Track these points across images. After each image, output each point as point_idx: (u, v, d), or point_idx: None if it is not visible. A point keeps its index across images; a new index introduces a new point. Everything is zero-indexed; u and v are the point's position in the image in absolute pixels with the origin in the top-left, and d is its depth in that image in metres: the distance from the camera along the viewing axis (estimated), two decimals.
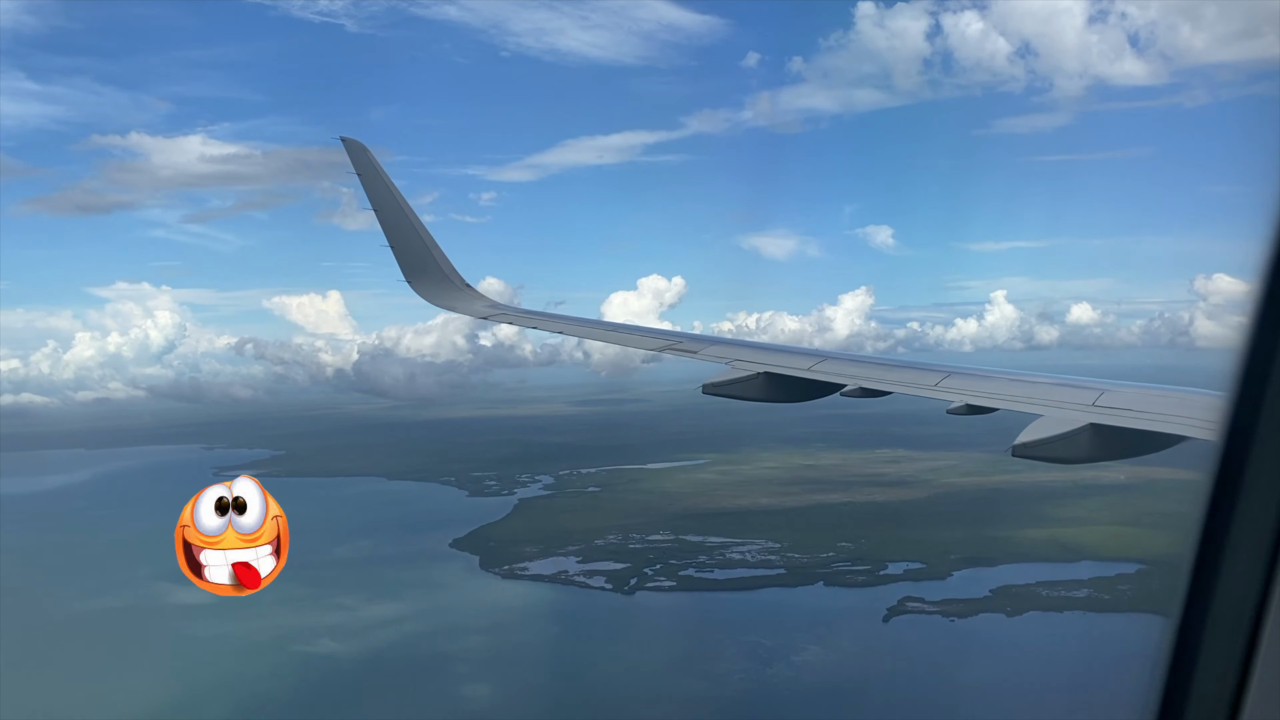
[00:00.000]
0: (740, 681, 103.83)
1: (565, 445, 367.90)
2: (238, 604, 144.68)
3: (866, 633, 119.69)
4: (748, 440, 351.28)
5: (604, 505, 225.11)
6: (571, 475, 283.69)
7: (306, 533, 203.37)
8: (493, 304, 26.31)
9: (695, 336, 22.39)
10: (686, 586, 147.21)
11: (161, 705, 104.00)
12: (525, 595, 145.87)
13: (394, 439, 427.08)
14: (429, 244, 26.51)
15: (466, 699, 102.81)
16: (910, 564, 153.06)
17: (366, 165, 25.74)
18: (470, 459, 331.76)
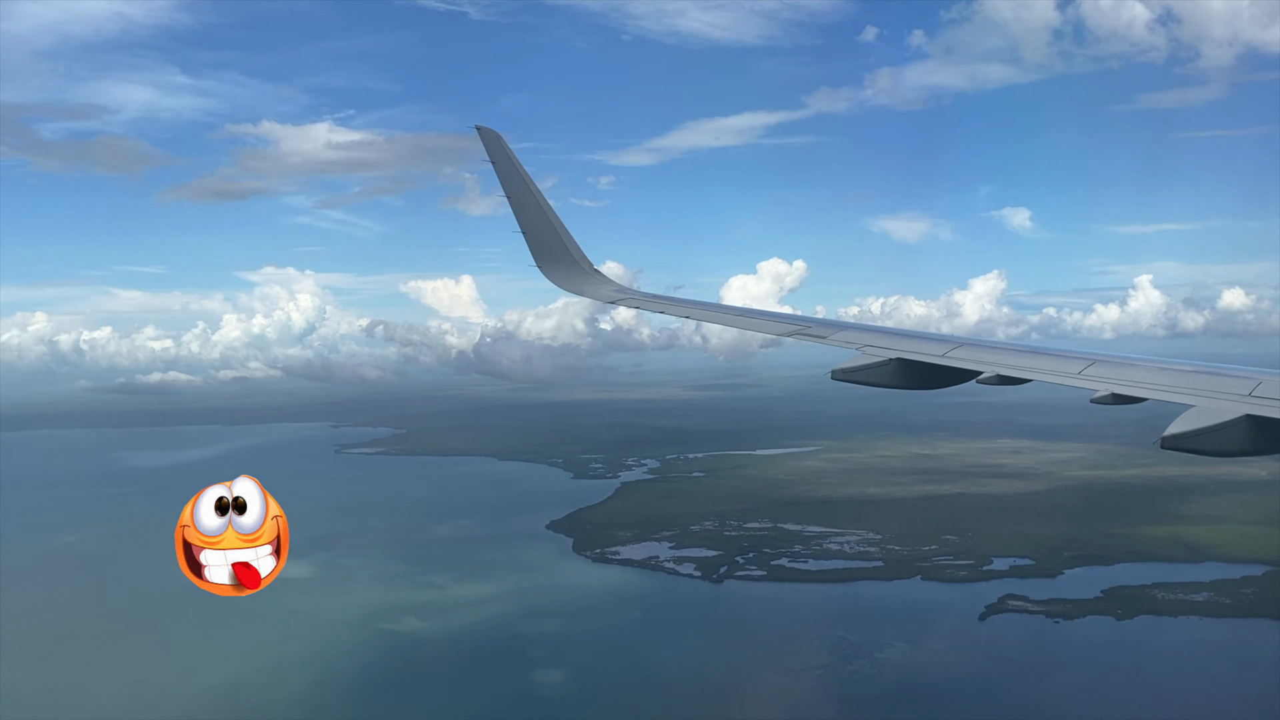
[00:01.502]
0: (817, 677, 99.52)
1: (676, 430, 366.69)
2: (335, 579, 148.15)
3: (959, 631, 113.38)
4: (863, 428, 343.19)
5: (705, 491, 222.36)
6: (678, 460, 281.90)
7: (412, 511, 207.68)
8: (619, 288, 26.48)
9: (824, 321, 21.96)
10: (777, 576, 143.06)
11: (244, 675, 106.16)
12: (612, 580, 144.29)
13: (509, 420, 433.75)
14: (559, 229, 26.80)
15: (537, 684, 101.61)
16: (1018, 560, 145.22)
17: (500, 153, 25.95)
18: (580, 441, 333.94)
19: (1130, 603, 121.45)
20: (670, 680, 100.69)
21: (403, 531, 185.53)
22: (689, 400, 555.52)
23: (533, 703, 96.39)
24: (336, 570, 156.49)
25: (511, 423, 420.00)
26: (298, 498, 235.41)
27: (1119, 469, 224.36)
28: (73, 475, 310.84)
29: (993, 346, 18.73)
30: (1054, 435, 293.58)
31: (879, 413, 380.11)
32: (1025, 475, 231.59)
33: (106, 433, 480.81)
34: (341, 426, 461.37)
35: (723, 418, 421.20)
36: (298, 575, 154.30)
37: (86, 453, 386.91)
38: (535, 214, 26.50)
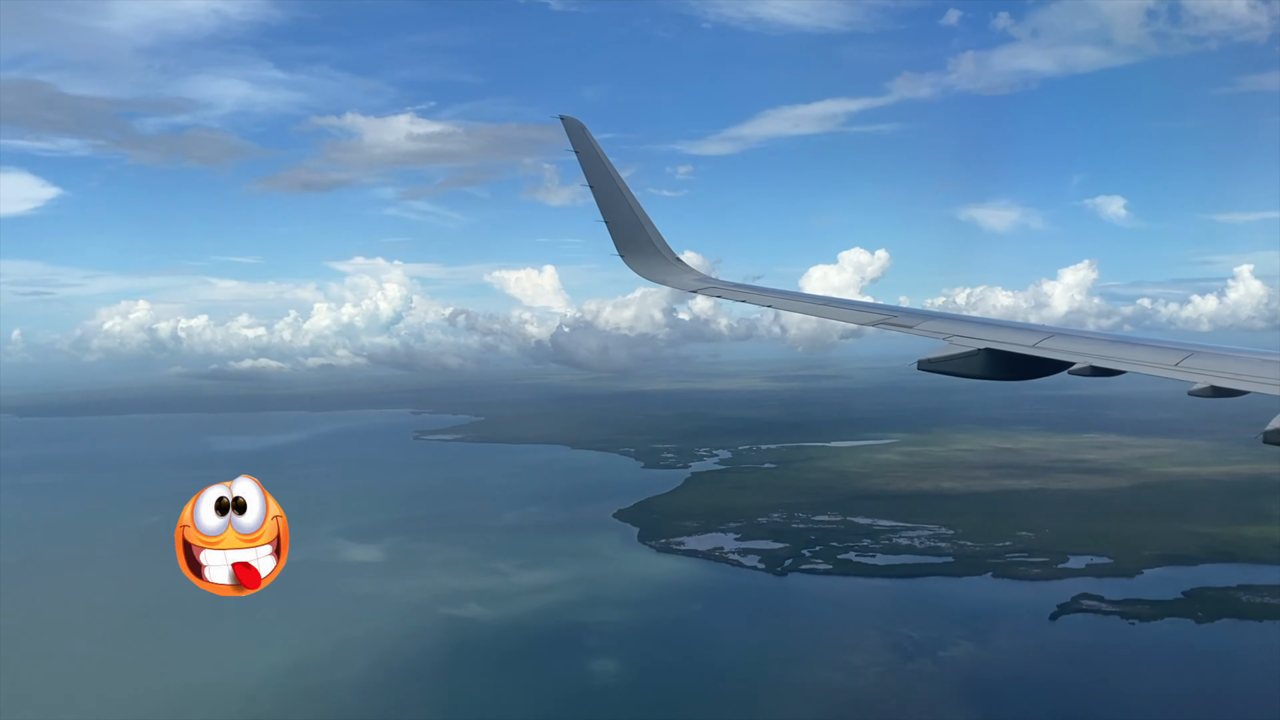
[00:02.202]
0: (877, 675, 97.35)
1: (751, 420, 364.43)
2: (403, 564, 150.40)
3: (1028, 631, 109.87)
4: (943, 421, 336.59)
5: (776, 483, 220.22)
6: (750, 451, 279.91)
7: (483, 497, 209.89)
8: (702, 277, 26.49)
9: (910, 311, 21.84)
10: (842, 571, 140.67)
11: (309, 657, 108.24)
12: (675, 570, 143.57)
13: (584, 409, 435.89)
14: (642, 219, 26.92)
15: (592, 673, 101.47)
16: (1095, 558, 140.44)
17: (584, 142, 26.10)
18: (653, 431, 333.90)
19: (1212, 605, 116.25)
20: (725, 673, 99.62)
21: (472, 518, 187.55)
22: (765, 391, 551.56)
23: (587, 692, 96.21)
24: (405, 555, 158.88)
25: (586, 412, 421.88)
26: (374, 482, 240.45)
27: (1210, 465, 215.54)
28: (163, 458, 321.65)
29: (1085, 337, 18.34)
30: (1143, 430, 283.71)
31: (960, 406, 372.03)
32: (1110, 471, 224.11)
33: (198, 417, 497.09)
34: (422, 413, 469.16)
35: (798, 409, 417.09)
36: (368, 559, 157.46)
37: (178, 437, 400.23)
38: (618, 203, 26.57)
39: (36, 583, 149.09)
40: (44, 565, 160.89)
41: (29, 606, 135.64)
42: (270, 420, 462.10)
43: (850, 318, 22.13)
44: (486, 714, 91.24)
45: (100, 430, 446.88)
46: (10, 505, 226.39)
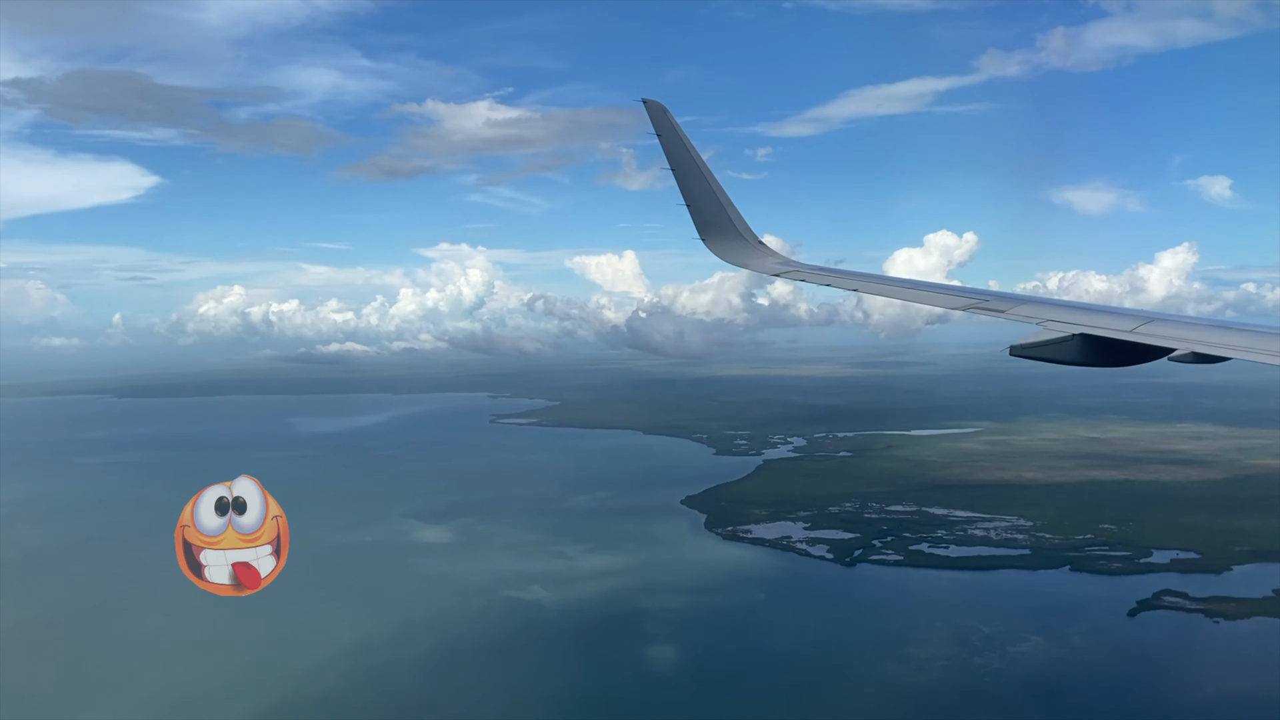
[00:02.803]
0: (941, 669, 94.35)
1: (828, 408, 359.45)
2: (470, 545, 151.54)
3: (1104, 627, 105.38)
4: (1029, 409, 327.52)
5: (850, 471, 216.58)
6: (826, 438, 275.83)
7: (553, 481, 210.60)
8: (784, 260, 26.19)
9: (1002, 295, 21.31)
10: (913, 562, 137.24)
11: (371, 636, 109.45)
12: (740, 559, 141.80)
13: (658, 395, 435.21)
14: (724, 202, 26.76)
15: (649, 659, 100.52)
16: (1181, 553, 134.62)
17: (666, 125, 26.01)
18: (728, 417, 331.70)
19: None
20: (783, 663, 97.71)
21: (541, 501, 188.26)
22: (846, 378, 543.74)
23: (642, 678, 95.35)
24: (473, 536, 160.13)
25: (660, 397, 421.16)
26: (449, 465, 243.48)
27: None
28: (250, 438, 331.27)
29: (1187, 322, 17.70)
30: (1242, 420, 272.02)
31: (1047, 394, 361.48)
32: (1203, 462, 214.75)
33: (285, 399, 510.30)
34: (499, 397, 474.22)
35: (879, 396, 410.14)
36: (436, 540, 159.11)
37: (265, 418, 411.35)
38: (699, 186, 26.35)
39: (122, 558, 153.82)
40: (130, 541, 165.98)
41: (114, 580, 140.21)
42: (354, 403, 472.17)
43: (939, 302, 21.56)
44: (541, 697, 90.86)
45: (192, 411, 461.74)
46: (104, 483, 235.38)
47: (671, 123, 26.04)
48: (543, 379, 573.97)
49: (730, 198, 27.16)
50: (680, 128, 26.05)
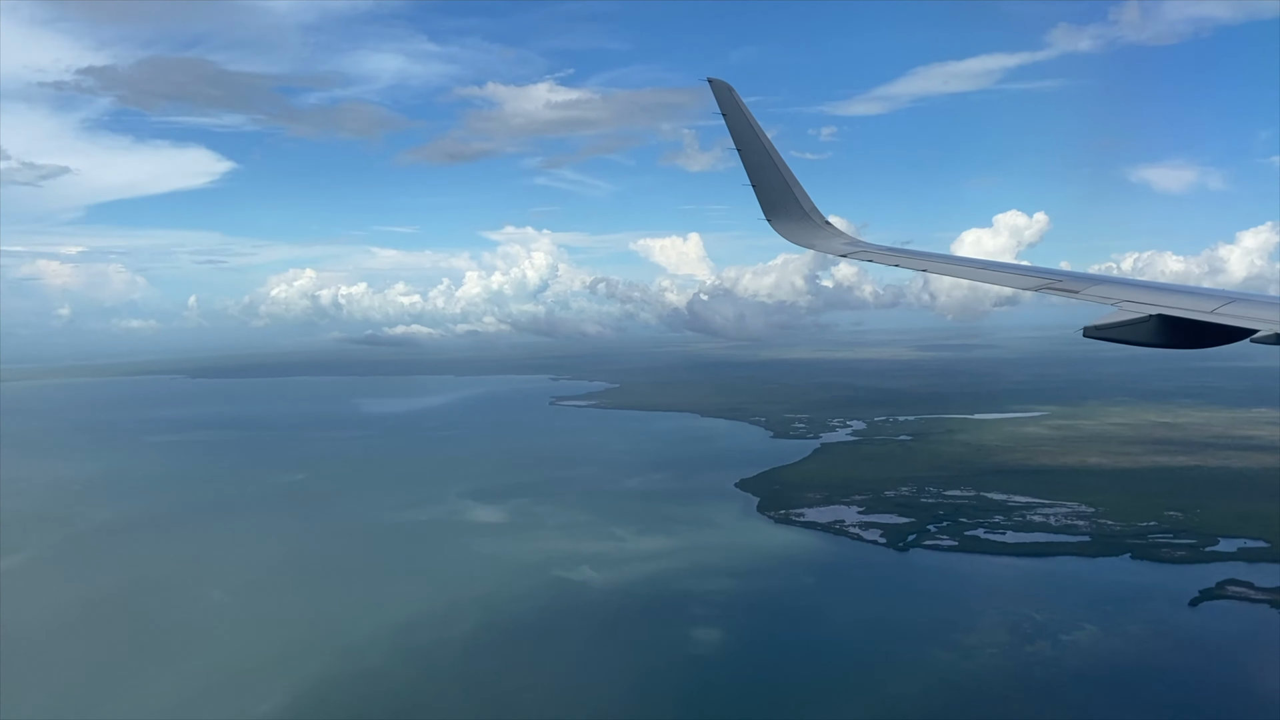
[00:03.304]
0: (989, 657, 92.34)
1: (890, 391, 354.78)
2: (524, 526, 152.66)
3: (1163, 617, 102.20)
4: (1098, 393, 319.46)
5: (909, 455, 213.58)
6: (886, 422, 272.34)
7: (608, 463, 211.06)
8: (851, 241, 25.82)
9: (1076, 275, 20.76)
10: (968, 547, 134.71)
11: (420, 614, 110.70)
12: (791, 542, 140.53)
13: (718, 378, 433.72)
14: (790, 182, 26.49)
15: (694, 641, 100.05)
16: (1249, 541, 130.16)
17: (732, 105, 25.77)
18: (786, 401, 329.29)
19: None
20: (827, 648, 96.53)
21: (596, 483, 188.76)
22: (911, 361, 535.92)
23: (686, 660, 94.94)
24: (527, 517, 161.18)
25: (720, 380, 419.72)
26: (507, 446, 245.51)
27: None
28: (315, 419, 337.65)
29: (1272, 303, 16.87)
30: None
31: (1120, 378, 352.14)
32: (1278, 449, 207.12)
33: (352, 381, 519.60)
34: (560, 379, 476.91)
35: (944, 380, 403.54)
36: (490, 520, 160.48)
37: (330, 398, 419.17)
38: (766, 167, 26.08)
39: (185, 534, 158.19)
40: (194, 518, 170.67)
41: (177, 556, 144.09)
42: (417, 384, 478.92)
43: (1010, 282, 21.00)
44: (583, 676, 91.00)
45: (261, 392, 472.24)
46: (173, 461, 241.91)
47: (737, 102, 25.74)
48: (603, 362, 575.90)
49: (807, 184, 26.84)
50: (746, 107, 25.75)
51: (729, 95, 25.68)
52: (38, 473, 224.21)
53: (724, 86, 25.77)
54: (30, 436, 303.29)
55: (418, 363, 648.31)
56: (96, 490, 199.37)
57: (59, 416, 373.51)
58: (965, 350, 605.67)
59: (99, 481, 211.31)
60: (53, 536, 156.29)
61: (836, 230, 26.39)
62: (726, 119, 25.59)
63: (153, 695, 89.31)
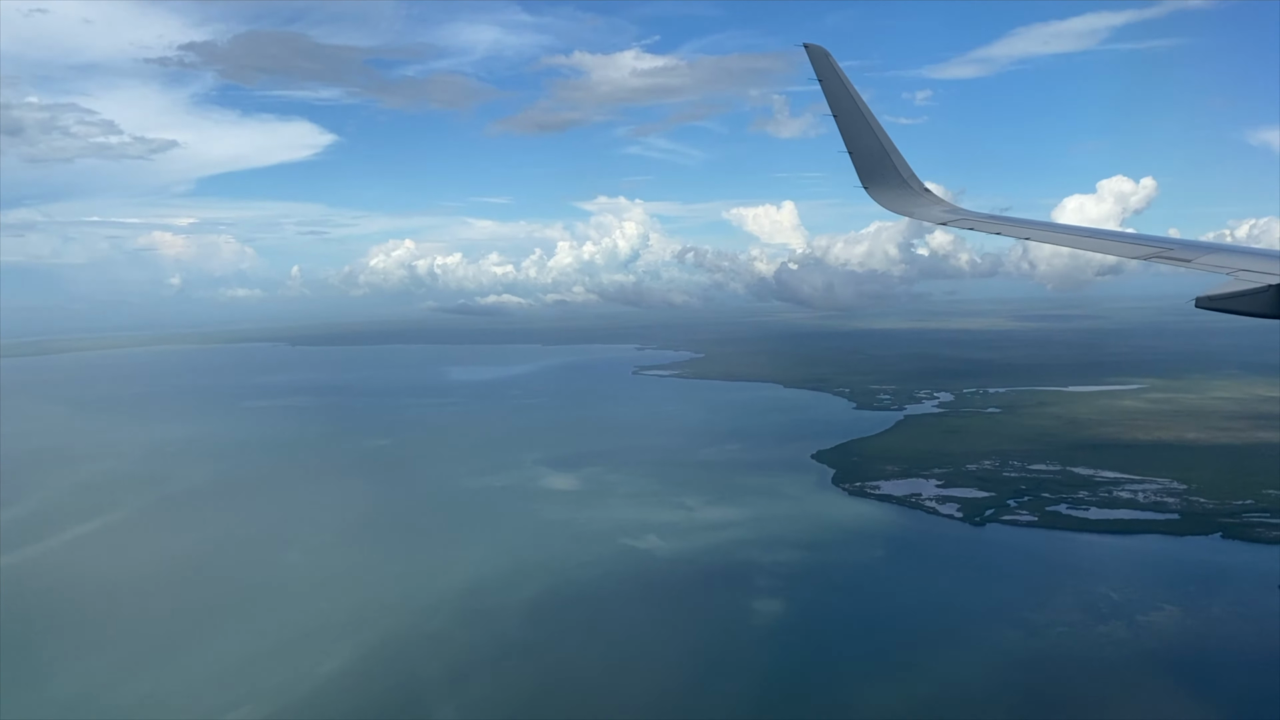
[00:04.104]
0: (1059, 635, 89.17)
1: (983, 362, 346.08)
2: (594, 493, 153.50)
3: (1250, 600, 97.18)
4: (1203, 366, 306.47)
5: (995, 428, 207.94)
6: (975, 394, 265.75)
7: (686, 432, 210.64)
8: (950, 208, 25.40)
9: (1188, 243, 20.13)
10: (1048, 523, 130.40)
11: (486, 578, 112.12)
12: (864, 515, 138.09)
13: (805, 348, 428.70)
14: (888, 149, 26.30)
15: (753, 612, 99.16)
16: None
17: (828, 71, 25.55)
18: (873, 371, 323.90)
19: None
20: (888, 622, 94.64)
21: (671, 452, 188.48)
22: (1007, 331, 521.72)
23: (744, 630, 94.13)
24: (598, 485, 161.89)
25: (805, 351, 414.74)
26: (586, 415, 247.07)
27: None
28: (404, 386, 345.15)
29: None
30: None
31: (1227, 350, 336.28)
32: None
33: (443, 349, 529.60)
34: (646, 349, 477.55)
35: (1040, 350, 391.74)
36: (563, 487, 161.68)
37: (421, 366, 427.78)
38: (863, 133, 25.76)
39: (270, 496, 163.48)
40: (279, 481, 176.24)
41: (260, 517, 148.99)
42: (505, 353, 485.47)
43: (1118, 251, 20.42)
44: (640, 643, 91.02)
45: (356, 359, 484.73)
46: (266, 426, 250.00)
47: (834, 68, 25.26)
48: (690, 331, 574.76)
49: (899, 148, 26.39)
50: (843, 73, 25.27)
51: (825, 61, 25.23)
52: (139, 435, 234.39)
53: (820, 52, 25.33)
54: (136, 401, 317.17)
55: (507, 332, 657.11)
56: (192, 453, 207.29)
57: (164, 382, 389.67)
58: (1065, 320, 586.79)
59: (195, 444, 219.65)
60: (147, 497, 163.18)
61: (935, 198, 25.89)
62: (823, 85, 25.18)
63: (223, 651, 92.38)
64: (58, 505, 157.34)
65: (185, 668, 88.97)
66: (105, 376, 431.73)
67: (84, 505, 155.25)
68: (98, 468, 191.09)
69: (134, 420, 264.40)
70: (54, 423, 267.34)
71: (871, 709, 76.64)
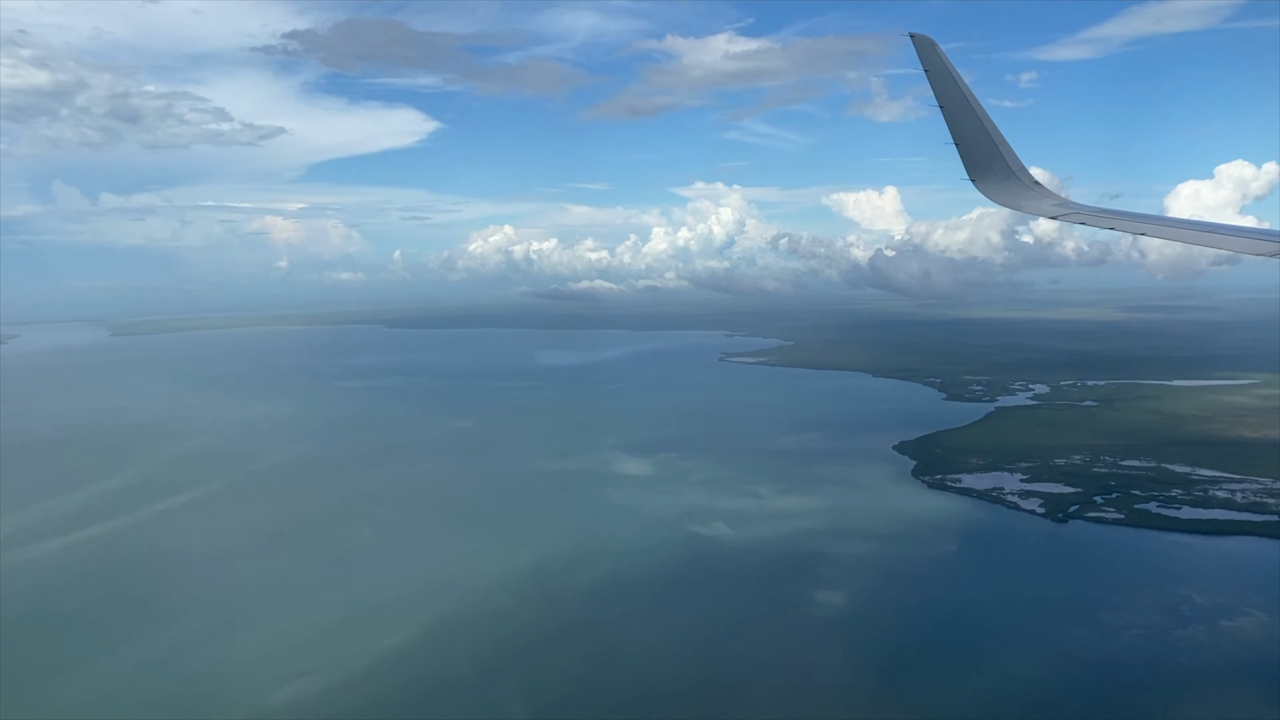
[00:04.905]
0: (1133, 638, 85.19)
1: (1084, 354, 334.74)
2: (667, 479, 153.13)
3: None
4: None
5: (1090, 422, 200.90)
6: (1072, 387, 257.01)
7: (767, 420, 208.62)
8: (1061, 201, 25.14)
9: None
10: (1135, 521, 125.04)
11: (550, 560, 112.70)
12: (940, 508, 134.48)
13: (898, 337, 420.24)
14: (997, 140, 26.09)
15: (814, 604, 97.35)
16: None
17: (935, 61, 25.51)
18: (967, 361, 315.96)
19: None
20: (953, 619, 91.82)
21: (748, 440, 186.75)
22: (1114, 323, 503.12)
23: (805, 621, 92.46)
24: (672, 470, 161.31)
25: (898, 339, 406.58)
26: (667, 401, 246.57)
27: None
28: (492, 369, 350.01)
29: None
30: None
31: None
32: None
33: (533, 333, 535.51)
34: (735, 336, 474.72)
35: (1146, 343, 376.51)
36: (636, 472, 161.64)
37: (510, 350, 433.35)
38: (971, 125, 25.44)
39: (352, 474, 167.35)
40: (363, 459, 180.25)
41: (339, 493, 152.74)
42: (594, 338, 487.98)
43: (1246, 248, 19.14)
44: (695, 632, 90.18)
45: (450, 342, 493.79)
46: (355, 405, 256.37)
47: (941, 58, 24.84)
48: (781, 319, 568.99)
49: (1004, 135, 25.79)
50: (950, 63, 24.88)
51: (932, 51, 24.80)
52: (236, 412, 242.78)
53: (927, 42, 24.92)
54: (237, 379, 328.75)
55: (597, 317, 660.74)
56: (282, 430, 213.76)
57: (265, 361, 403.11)
58: (1177, 312, 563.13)
59: (286, 422, 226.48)
60: (236, 472, 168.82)
61: (1045, 190, 25.14)
62: (929, 75, 24.73)
63: (291, 623, 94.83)
64: (152, 478, 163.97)
65: (254, 638, 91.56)
66: (211, 355, 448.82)
67: (176, 479, 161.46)
68: (194, 443, 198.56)
69: (233, 398, 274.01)
70: (159, 399, 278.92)
71: (929, 705, 74.42)
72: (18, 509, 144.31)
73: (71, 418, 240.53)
